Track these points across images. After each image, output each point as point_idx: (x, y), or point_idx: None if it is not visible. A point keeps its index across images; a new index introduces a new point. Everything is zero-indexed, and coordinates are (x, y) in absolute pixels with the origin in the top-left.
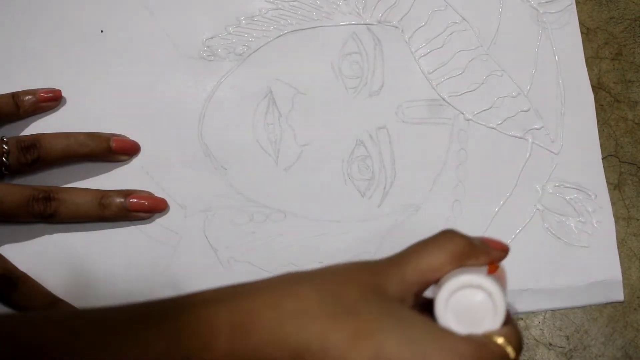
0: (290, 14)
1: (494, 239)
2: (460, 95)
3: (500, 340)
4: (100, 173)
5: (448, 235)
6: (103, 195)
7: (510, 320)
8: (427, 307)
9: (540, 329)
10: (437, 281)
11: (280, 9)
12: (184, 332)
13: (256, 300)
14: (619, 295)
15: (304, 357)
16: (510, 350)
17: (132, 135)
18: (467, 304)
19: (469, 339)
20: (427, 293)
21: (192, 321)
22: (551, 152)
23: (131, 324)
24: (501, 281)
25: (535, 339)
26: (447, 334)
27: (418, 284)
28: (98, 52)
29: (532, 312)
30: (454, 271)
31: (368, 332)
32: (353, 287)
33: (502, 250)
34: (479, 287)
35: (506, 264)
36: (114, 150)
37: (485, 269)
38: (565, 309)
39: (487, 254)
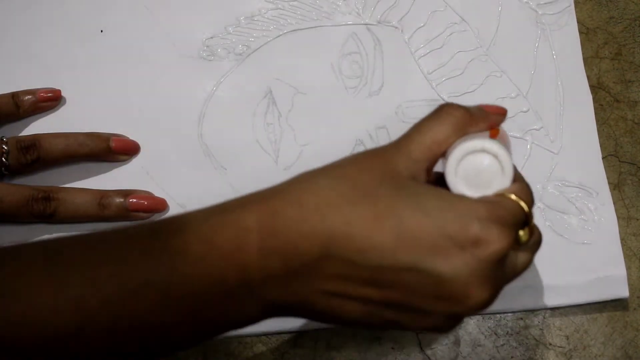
0: (290, 14)
1: (490, 104)
2: (459, 95)
3: (512, 196)
4: (100, 173)
5: (446, 109)
6: (103, 195)
7: (519, 178)
8: (439, 181)
9: (540, 329)
10: (444, 154)
11: (280, 8)
12: (217, 236)
13: (279, 201)
14: (624, 290)
15: (332, 246)
16: (523, 204)
17: (132, 135)
18: (475, 168)
19: (483, 200)
20: (437, 168)
21: (224, 225)
22: (551, 152)
23: (169, 229)
24: (504, 143)
25: (535, 339)
26: (462, 199)
27: (426, 159)
28: (98, 52)
29: (533, 311)
30: (458, 140)
31: (387, 212)
32: (367, 173)
33: (500, 114)
34: (483, 150)
35: None
36: (114, 150)
37: (487, 133)
38: (567, 307)
39: (486, 119)
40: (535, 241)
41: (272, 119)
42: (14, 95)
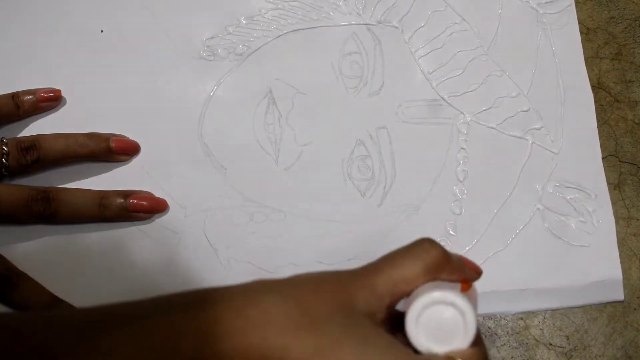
0: (290, 14)
1: (469, 259)
2: (460, 95)
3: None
4: (100, 173)
5: (424, 245)
6: (103, 195)
7: (479, 342)
8: (399, 320)
9: (540, 329)
10: (409, 294)
11: (280, 9)
12: (150, 337)
13: (222, 308)
14: (619, 295)
15: None
16: None
17: (132, 135)
18: (438, 320)
19: (429, 359)
20: (399, 306)
21: (159, 325)
22: (551, 152)
23: (99, 326)
24: (473, 301)
25: (535, 339)
26: (407, 354)
27: (390, 295)
28: (98, 52)
29: (532, 312)
30: (426, 285)
31: (330, 347)
32: (320, 300)
33: (476, 272)
34: (451, 304)
35: (507, 262)
36: (114, 150)
37: (458, 286)
38: (566, 308)
39: (461, 271)
40: None
41: (272, 119)
42: (14, 96)
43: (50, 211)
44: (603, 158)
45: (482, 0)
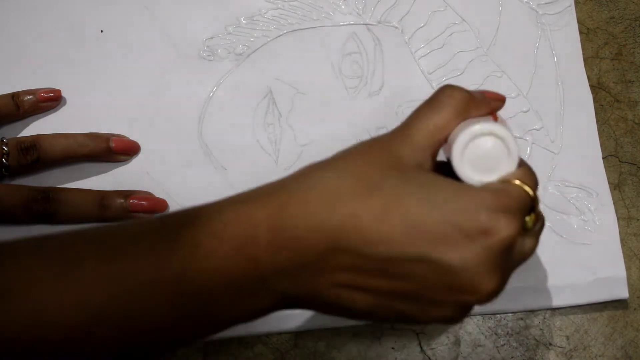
0: (290, 14)
1: (490, 91)
2: None
3: (517, 182)
4: (100, 173)
5: (447, 91)
6: (103, 196)
7: (523, 162)
8: (443, 167)
9: (540, 329)
10: (446, 139)
11: (280, 8)
12: (227, 231)
13: (285, 196)
14: (623, 292)
15: (340, 239)
16: (528, 190)
17: (132, 135)
18: (481, 151)
19: (489, 189)
20: (439, 156)
21: (234, 219)
22: (551, 152)
23: (179, 227)
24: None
25: (535, 339)
26: (468, 188)
27: (431, 146)
28: (98, 52)
29: (533, 311)
30: (461, 124)
31: (394, 203)
32: (372, 165)
33: (499, 100)
34: (490, 133)
35: None
36: (114, 150)
37: (489, 118)
38: (567, 307)
39: (487, 104)
40: (540, 225)
41: (272, 119)
42: (14, 96)
43: (50, 211)
44: (603, 158)
45: (482, 1)
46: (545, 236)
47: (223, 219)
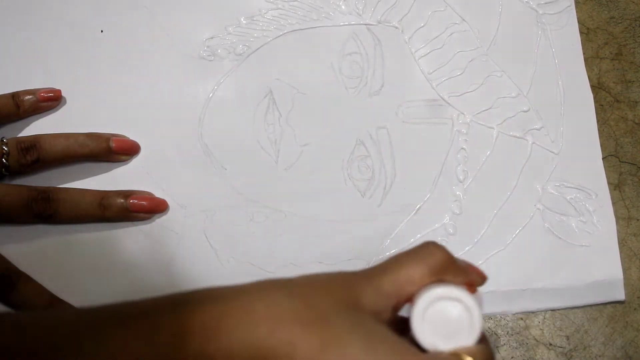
0: (291, 14)
1: (474, 265)
2: (460, 95)
3: (468, 358)
4: (100, 173)
5: (430, 248)
6: (103, 195)
7: (484, 340)
8: (404, 324)
9: (540, 329)
10: (413, 296)
11: (280, 8)
12: (158, 333)
13: (229, 304)
14: (620, 294)
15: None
16: None
17: (132, 135)
18: (444, 316)
19: (433, 357)
20: (403, 312)
21: (167, 321)
22: (551, 152)
23: (108, 324)
24: (478, 302)
25: (535, 339)
26: (412, 352)
27: (396, 296)
28: (98, 52)
29: (533, 312)
30: (432, 285)
31: (336, 342)
32: (326, 297)
33: (481, 277)
34: (458, 300)
35: (507, 262)
36: (114, 150)
37: (463, 287)
38: (566, 308)
39: (465, 274)
40: None
41: (272, 119)
42: (14, 95)
43: (50, 211)
44: (603, 158)
45: (482, 1)
46: (544, 238)
47: (153, 321)
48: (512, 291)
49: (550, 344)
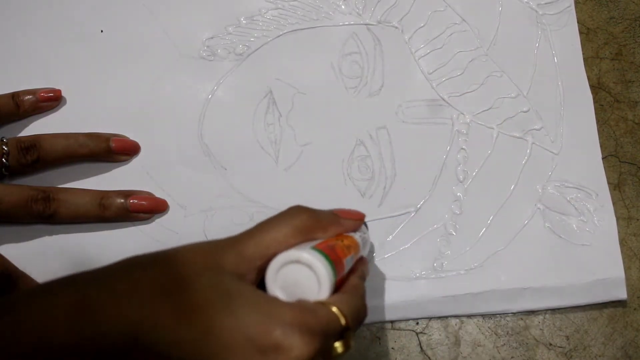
0: (290, 14)
1: (347, 209)
2: (460, 95)
3: (332, 307)
4: (100, 173)
5: (293, 210)
6: (103, 195)
7: (350, 290)
8: None
9: (540, 329)
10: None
11: (280, 8)
12: (27, 317)
13: (92, 284)
14: (622, 293)
15: (139, 335)
16: (340, 317)
17: (132, 135)
18: (293, 278)
19: (294, 305)
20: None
21: (35, 306)
22: (551, 152)
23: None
24: (343, 251)
25: (535, 339)
26: (273, 302)
27: (260, 257)
28: (98, 52)
29: (533, 311)
30: (296, 246)
31: (197, 306)
32: (186, 265)
33: (354, 219)
34: (298, 262)
35: (508, 262)
36: (114, 151)
37: (314, 242)
38: (567, 307)
39: (337, 225)
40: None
41: (272, 119)
42: (14, 95)
43: (50, 211)
44: (603, 158)
45: (482, 1)
46: (544, 237)
47: (24, 304)
48: (513, 290)
49: (550, 344)
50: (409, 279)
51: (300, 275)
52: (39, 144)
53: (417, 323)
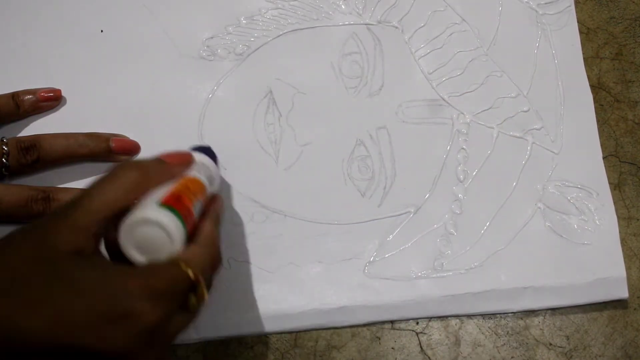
0: (290, 14)
1: (172, 153)
2: (460, 95)
3: (180, 264)
4: (100, 173)
5: (119, 170)
6: None
7: (202, 240)
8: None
9: (540, 329)
10: (119, 216)
11: (280, 8)
12: None
13: None
14: (623, 292)
15: (3, 332)
16: (189, 272)
17: (132, 135)
18: (145, 236)
19: (138, 271)
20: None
21: None
22: (551, 151)
23: None
24: (190, 198)
25: (535, 339)
26: (118, 272)
27: (95, 225)
28: (98, 52)
29: (533, 311)
30: (134, 209)
31: (41, 297)
32: (20, 256)
33: (182, 163)
34: (146, 221)
35: (508, 261)
36: (114, 150)
37: (160, 194)
38: (567, 307)
39: (167, 173)
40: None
41: (272, 119)
42: (14, 95)
43: (50, 211)
44: (603, 158)
45: (482, 1)
46: (545, 236)
47: None
48: (514, 290)
49: (550, 344)
50: (409, 279)
51: (151, 233)
52: (39, 144)
53: (417, 323)
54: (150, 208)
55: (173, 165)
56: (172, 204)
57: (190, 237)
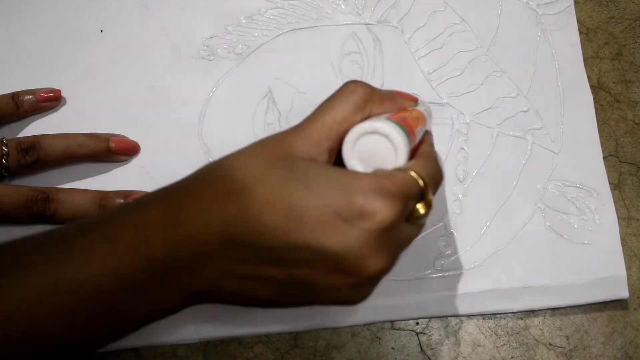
0: (290, 13)
1: (402, 91)
2: (459, 95)
3: (409, 171)
4: (100, 173)
5: (350, 86)
6: (103, 196)
7: (425, 155)
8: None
9: (540, 329)
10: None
11: (280, 8)
12: (121, 232)
13: (180, 194)
14: (623, 291)
15: (231, 231)
16: (417, 178)
17: (132, 135)
18: (369, 149)
19: (372, 174)
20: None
21: (128, 221)
22: (552, 151)
23: (76, 235)
24: (414, 122)
25: (535, 339)
26: (349, 174)
27: (327, 139)
28: (98, 52)
29: (533, 311)
30: (362, 122)
31: (278, 194)
32: (259, 160)
33: (408, 99)
34: (374, 132)
35: (508, 261)
36: (114, 151)
37: (385, 115)
38: (567, 307)
39: (392, 101)
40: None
41: (272, 118)
42: (14, 95)
43: (50, 211)
44: (603, 158)
45: (482, 1)
46: (545, 236)
47: (117, 222)
48: (514, 289)
49: (550, 344)
50: (409, 279)
51: (377, 145)
52: (38, 145)
53: (417, 323)
54: (377, 120)
55: (403, 96)
56: (399, 121)
57: (410, 158)
